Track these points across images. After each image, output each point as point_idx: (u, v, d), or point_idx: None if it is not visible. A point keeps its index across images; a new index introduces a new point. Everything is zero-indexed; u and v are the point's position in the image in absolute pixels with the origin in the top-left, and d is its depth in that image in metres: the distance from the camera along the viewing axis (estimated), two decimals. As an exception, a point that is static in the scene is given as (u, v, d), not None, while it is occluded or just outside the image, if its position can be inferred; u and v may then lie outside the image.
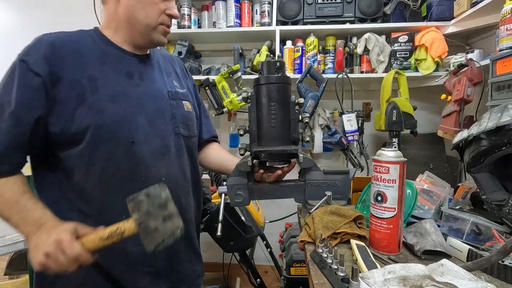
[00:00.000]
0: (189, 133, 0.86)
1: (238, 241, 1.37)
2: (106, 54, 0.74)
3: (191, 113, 0.89)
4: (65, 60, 0.69)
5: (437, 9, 1.75)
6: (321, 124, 1.93)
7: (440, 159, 1.92)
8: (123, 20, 0.75)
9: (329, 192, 0.82)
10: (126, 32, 0.76)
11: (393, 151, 0.70)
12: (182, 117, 0.84)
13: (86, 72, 0.70)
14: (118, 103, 0.70)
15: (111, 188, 0.72)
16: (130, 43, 0.78)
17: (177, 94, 0.85)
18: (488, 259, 0.56)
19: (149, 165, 0.74)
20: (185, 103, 0.87)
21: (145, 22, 0.74)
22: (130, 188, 0.66)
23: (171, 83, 0.86)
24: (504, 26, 1.13)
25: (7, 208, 0.67)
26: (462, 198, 1.00)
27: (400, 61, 1.84)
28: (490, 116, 0.75)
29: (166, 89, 0.83)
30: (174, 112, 0.82)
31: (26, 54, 0.69)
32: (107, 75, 0.72)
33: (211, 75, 1.98)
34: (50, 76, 0.67)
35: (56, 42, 0.70)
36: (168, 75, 0.87)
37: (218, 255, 2.04)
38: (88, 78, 0.69)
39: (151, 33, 0.76)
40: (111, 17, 0.76)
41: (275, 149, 0.78)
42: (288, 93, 0.81)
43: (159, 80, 0.82)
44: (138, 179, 0.73)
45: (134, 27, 0.75)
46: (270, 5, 1.91)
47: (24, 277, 1.76)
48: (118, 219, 0.62)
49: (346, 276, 0.55)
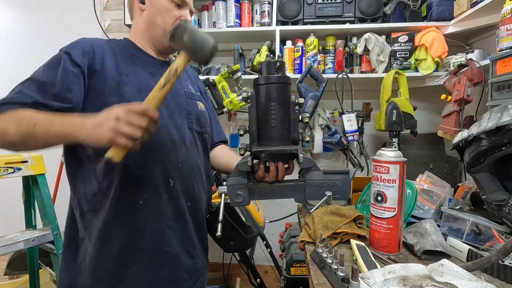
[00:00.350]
0: (201, 129, 0.97)
1: (238, 241, 1.36)
2: (135, 56, 0.88)
3: (204, 112, 1.00)
4: (101, 57, 0.81)
5: (437, 9, 1.75)
6: (321, 124, 1.93)
7: (440, 159, 1.92)
8: (146, 27, 0.90)
9: (329, 192, 0.81)
10: (148, 38, 0.91)
11: (393, 151, 0.70)
12: (196, 114, 0.95)
13: (118, 68, 0.82)
14: (144, 95, 0.77)
15: (136, 167, 0.80)
16: (152, 48, 0.92)
17: (192, 95, 0.97)
18: (488, 259, 0.56)
19: (168, 151, 0.84)
20: (199, 103, 1.00)
21: (162, 27, 0.88)
22: (152, 169, 0.81)
23: (187, 86, 0.98)
24: (504, 26, 1.13)
25: (45, 122, 0.68)
26: (462, 198, 1.00)
27: (400, 61, 1.84)
28: (490, 116, 0.75)
29: (183, 89, 0.95)
30: (189, 109, 0.93)
31: (70, 48, 0.80)
32: (135, 72, 0.85)
33: (211, 75, 1.98)
34: (88, 68, 0.78)
35: (94, 43, 0.83)
36: (184, 80, 0.99)
37: (218, 255, 2.04)
38: (119, 73, 0.82)
39: (168, 36, 0.84)
40: (137, 27, 0.92)
41: (275, 149, 0.78)
42: (288, 93, 0.81)
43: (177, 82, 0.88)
44: (158, 163, 0.83)
45: (154, 32, 0.89)
46: (270, 5, 1.91)
47: (24, 277, 1.76)
48: (137, 192, 0.79)
49: (346, 276, 0.55)
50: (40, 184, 1.42)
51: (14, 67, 2.33)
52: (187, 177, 0.88)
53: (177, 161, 0.86)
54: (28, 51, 2.27)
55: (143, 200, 0.81)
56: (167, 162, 0.84)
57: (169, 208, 0.84)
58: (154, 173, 0.82)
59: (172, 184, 0.85)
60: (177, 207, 0.86)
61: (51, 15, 2.28)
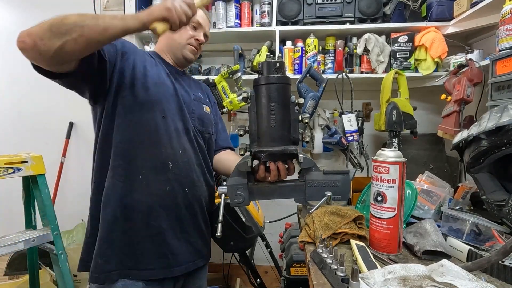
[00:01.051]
0: (203, 129, 1.08)
1: (238, 241, 1.36)
2: (157, 62, 1.04)
3: (208, 115, 1.12)
4: (133, 52, 0.97)
5: (437, 9, 1.75)
6: (321, 124, 1.93)
7: (440, 159, 1.92)
8: (166, 41, 1.09)
9: (329, 192, 0.81)
10: (168, 50, 1.09)
11: (393, 151, 0.70)
12: (200, 114, 1.08)
13: (143, 64, 0.97)
14: (159, 88, 0.96)
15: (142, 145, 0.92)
16: (172, 59, 1.10)
17: (200, 99, 1.12)
18: (488, 259, 0.56)
19: (172, 138, 0.96)
20: (205, 106, 1.12)
21: (178, 41, 1.07)
22: (155, 150, 0.93)
23: (196, 92, 1.13)
24: (504, 26, 1.13)
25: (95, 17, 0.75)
26: (462, 198, 1.00)
27: (400, 61, 1.84)
28: (490, 116, 0.75)
29: (192, 93, 1.09)
30: (194, 109, 1.06)
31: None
32: (155, 70, 1.00)
33: (211, 75, 1.98)
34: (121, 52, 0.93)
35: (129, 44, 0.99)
36: (193, 88, 1.13)
37: (218, 255, 2.04)
38: (143, 67, 0.96)
39: (182, 49, 1.07)
40: (161, 43, 1.11)
41: (275, 149, 0.78)
42: (288, 94, 0.81)
43: (188, 87, 1.10)
44: (161, 146, 0.94)
45: (172, 45, 1.08)
46: (270, 6, 1.91)
47: (24, 277, 1.76)
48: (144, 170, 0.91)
49: (346, 276, 0.55)
50: (40, 184, 1.42)
51: (14, 67, 2.34)
52: (186, 165, 0.98)
53: (178, 148, 0.97)
54: (28, 51, 2.26)
55: (142, 175, 0.91)
56: (169, 147, 0.95)
57: (164, 188, 0.93)
58: (156, 152, 0.93)
59: (171, 167, 0.94)
60: (171, 189, 0.94)
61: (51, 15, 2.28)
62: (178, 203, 0.96)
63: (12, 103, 2.37)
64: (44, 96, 2.33)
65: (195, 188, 1.00)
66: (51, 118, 2.36)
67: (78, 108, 2.37)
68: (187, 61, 1.11)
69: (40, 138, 2.35)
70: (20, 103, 2.37)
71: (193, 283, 1.05)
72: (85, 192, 1.02)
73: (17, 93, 2.35)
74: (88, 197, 0.95)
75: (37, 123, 2.37)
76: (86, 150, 2.37)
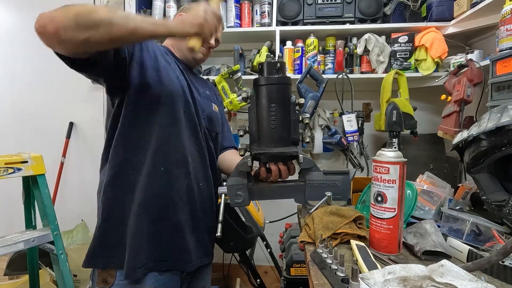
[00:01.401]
0: (211, 127, 1.07)
1: (238, 242, 1.36)
2: (170, 59, 1.02)
3: (216, 114, 1.13)
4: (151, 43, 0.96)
5: (437, 9, 1.75)
6: (321, 125, 1.93)
7: (440, 160, 1.92)
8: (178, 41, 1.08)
9: (329, 192, 0.81)
10: (178, 49, 1.09)
11: (393, 152, 0.70)
12: (209, 113, 1.07)
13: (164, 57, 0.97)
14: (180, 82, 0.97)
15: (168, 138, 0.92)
16: (182, 57, 1.09)
17: (209, 97, 1.11)
18: (488, 259, 0.56)
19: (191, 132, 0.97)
20: (214, 105, 1.12)
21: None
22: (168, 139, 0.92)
23: (205, 91, 1.12)
24: (504, 27, 1.13)
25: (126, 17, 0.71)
26: (462, 199, 1.00)
27: (400, 61, 1.84)
28: (490, 116, 0.75)
29: (202, 90, 1.09)
30: (203, 107, 1.05)
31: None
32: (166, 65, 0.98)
33: (211, 75, 1.98)
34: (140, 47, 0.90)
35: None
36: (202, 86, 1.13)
37: (218, 256, 2.03)
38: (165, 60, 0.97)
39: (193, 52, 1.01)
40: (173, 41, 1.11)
41: (275, 151, 0.78)
42: (288, 94, 0.81)
43: (198, 84, 1.10)
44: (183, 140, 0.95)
45: (182, 47, 1.07)
46: (270, 6, 1.91)
47: (24, 277, 1.76)
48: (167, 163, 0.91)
49: (346, 276, 0.55)
50: (40, 184, 1.42)
51: (14, 67, 2.34)
52: (202, 159, 1.00)
53: (195, 144, 0.99)
54: (28, 51, 2.26)
55: (164, 167, 0.91)
56: (187, 140, 0.96)
57: (183, 182, 0.94)
58: (178, 146, 0.93)
59: (190, 161, 0.95)
60: (190, 183, 0.95)
61: (51, 16, 2.28)
62: (194, 198, 0.96)
63: (12, 103, 2.37)
64: (44, 96, 2.33)
65: (207, 184, 1.02)
66: (51, 118, 2.35)
67: (78, 108, 2.39)
68: (196, 63, 1.12)
69: (40, 138, 2.35)
70: (20, 103, 2.37)
71: (197, 284, 1.04)
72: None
73: (17, 93, 2.35)
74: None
75: (37, 123, 2.37)
76: (86, 150, 2.37)
